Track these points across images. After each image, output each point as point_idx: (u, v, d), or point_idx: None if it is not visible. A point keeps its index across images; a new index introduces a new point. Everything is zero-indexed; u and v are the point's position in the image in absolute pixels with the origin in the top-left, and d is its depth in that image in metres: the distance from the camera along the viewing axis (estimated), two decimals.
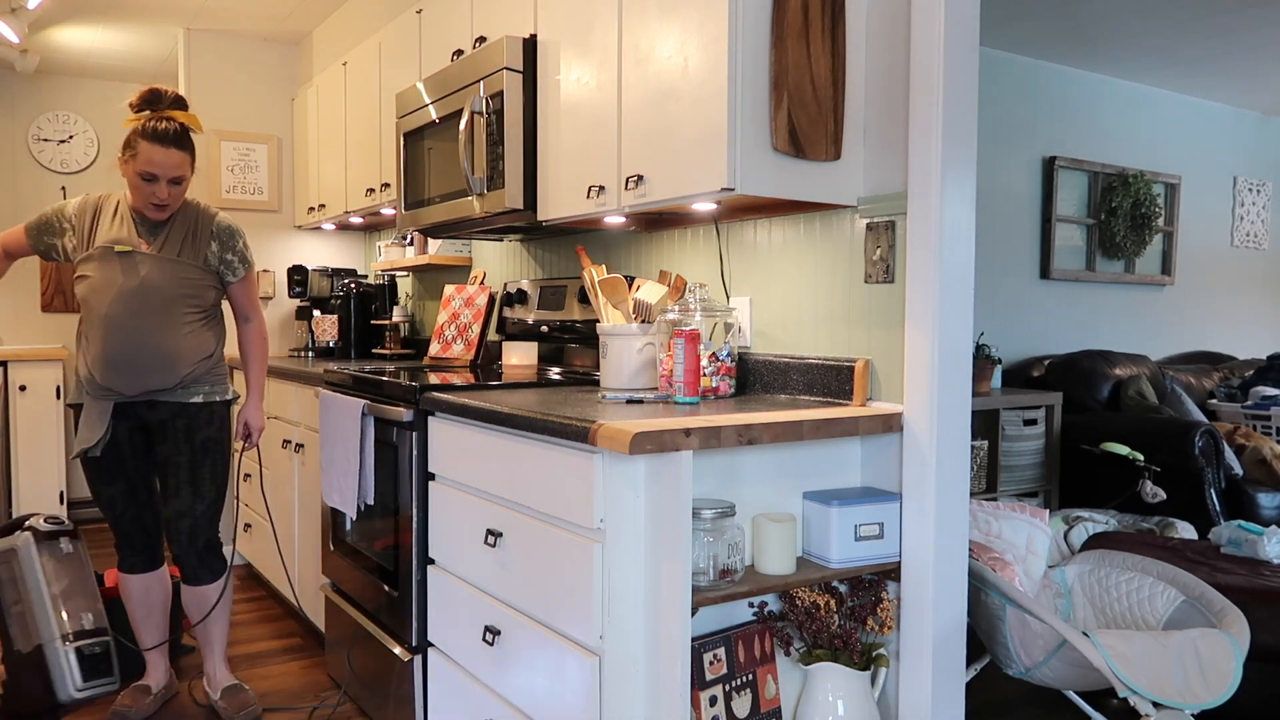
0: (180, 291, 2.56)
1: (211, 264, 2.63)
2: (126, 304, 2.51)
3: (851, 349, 2.10)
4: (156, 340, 2.54)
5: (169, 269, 2.55)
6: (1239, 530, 2.86)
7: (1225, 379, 5.13)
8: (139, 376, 2.54)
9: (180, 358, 2.57)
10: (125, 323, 2.51)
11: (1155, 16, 4.18)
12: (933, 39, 1.88)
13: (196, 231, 2.61)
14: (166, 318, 2.55)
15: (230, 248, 2.66)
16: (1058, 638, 2.03)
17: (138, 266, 2.53)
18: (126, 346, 2.51)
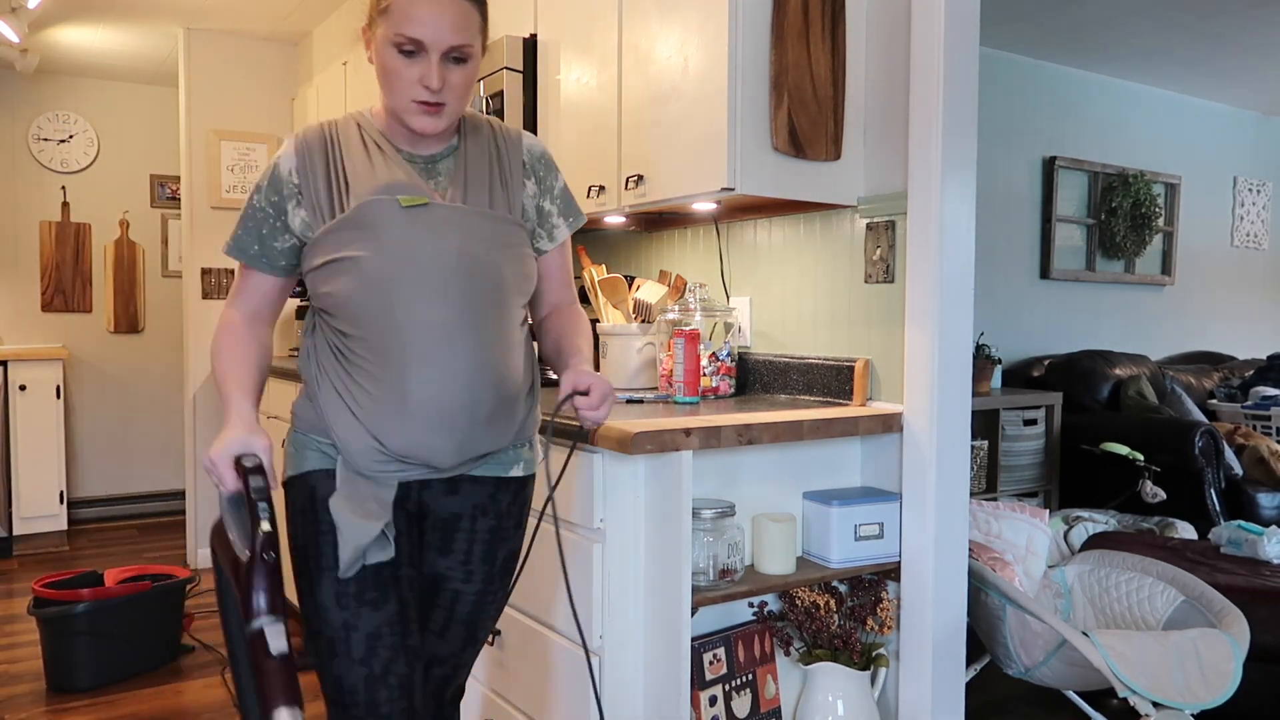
0: (513, 271, 1.46)
1: (529, 217, 1.53)
2: (447, 300, 1.39)
3: (851, 349, 2.10)
4: (502, 364, 1.45)
5: (488, 231, 1.44)
6: (1239, 530, 2.86)
7: (1225, 379, 5.13)
8: (474, 433, 1.43)
9: (521, 393, 1.51)
10: (454, 335, 1.39)
11: (1155, 16, 4.18)
12: (933, 39, 1.88)
13: (501, 162, 1.50)
14: (504, 322, 1.46)
15: (552, 187, 1.57)
16: (1058, 637, 2.03)
17: (443, 230, 1.40)
18: (461, 380, 1.40)
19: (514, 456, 1.54)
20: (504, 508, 1.54)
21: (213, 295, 4.43)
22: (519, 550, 1.60)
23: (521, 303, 1.50)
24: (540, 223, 1.56)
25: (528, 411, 1.54)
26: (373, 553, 1.42)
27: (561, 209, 1.58)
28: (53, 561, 4.53)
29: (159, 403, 5.52)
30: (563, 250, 1.63)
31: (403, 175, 1.43)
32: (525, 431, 1.54)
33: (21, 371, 4.64)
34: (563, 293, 1.64)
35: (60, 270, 5.25)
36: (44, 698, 2.94)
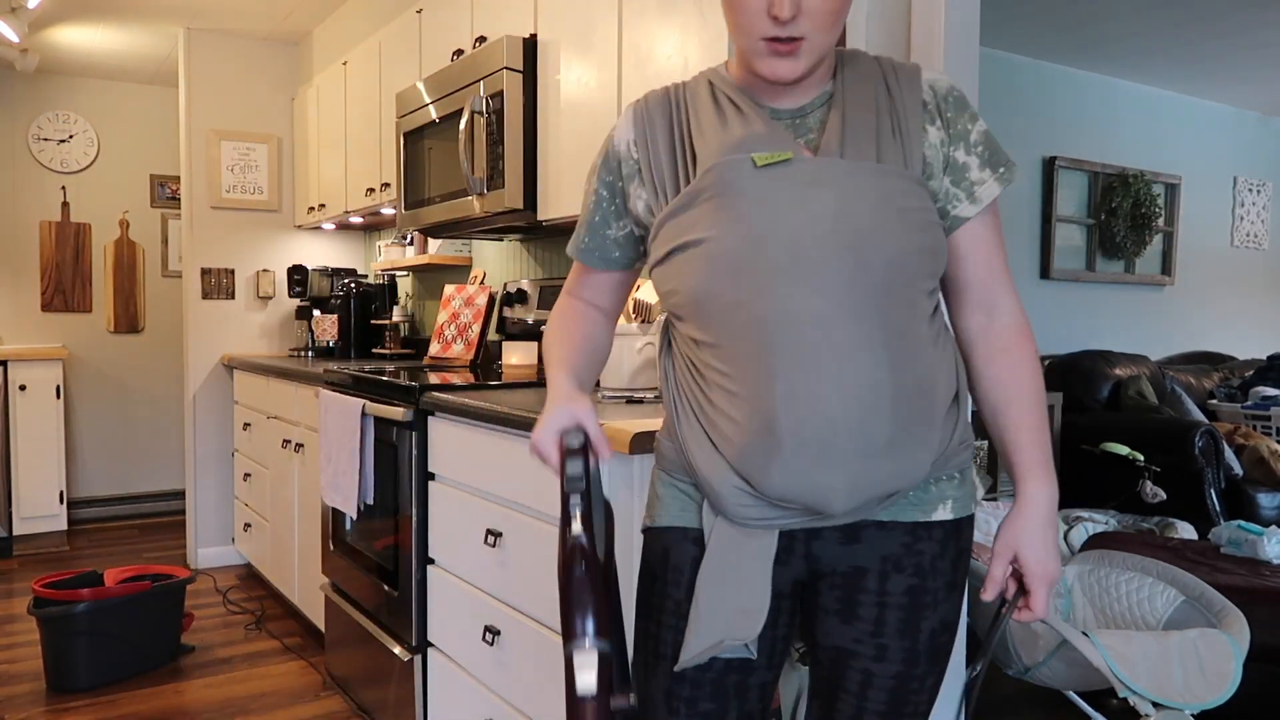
0: (914, 244, 1.08)
1: (932, 173, 1.14)
2: (823, 284, 1.04)
3: None
4: (904, 370, 1.08)
5: (877, 191, 1.07)
6: (1239, 530, 2.86)
7: (1225, 379, 5.13)
8: (870, 467, 1.07)
9: (939, 409, 1.12)
10: (834, 333, 1.04)
11: (1155, 17, 4.18)
12: (932, 39, 1.88)
13: (894, 104, 1.14)
14: (905, 314, 1.09)
15: (966, 131, 1.16)
16: (1058, 638, 2.03)
17: (814, 192, 1.06)
18: (847, 393, 1.04)
19: (937, 494, 1.15)
20: (927, 563, 1.14)
21: (212, 295, 4.43)
22: (953, 621, 1.17)
23: (929, 287, 1.11)
24: (955, 179, 1.14)
25: (952, 431, 1.14)
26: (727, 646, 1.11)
27: (984, 158, 1.15)
28: (53, 561, 4.54)
29: (159, 402, 5.52)
30: (991, 220, 1.17)
31: (762, 128, 1.11)
32: (951, 459, 1.15)
33: (21, 371, 4.64)
34: (994, 287, 1.17)
35: (60, 270, 5.25)
36: (44, 697, 2.94)
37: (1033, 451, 1.14)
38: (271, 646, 3.38)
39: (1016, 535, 1.14)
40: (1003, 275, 1.18)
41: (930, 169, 1.12)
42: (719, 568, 1.11)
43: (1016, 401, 1.15)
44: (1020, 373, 1.16)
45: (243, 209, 4.49)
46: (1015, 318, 1.18)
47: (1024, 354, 1.17)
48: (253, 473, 3.99)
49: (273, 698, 2.93)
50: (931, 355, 1.11)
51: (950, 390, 1.13)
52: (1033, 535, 1.13)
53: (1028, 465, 1.14)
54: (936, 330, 1.13)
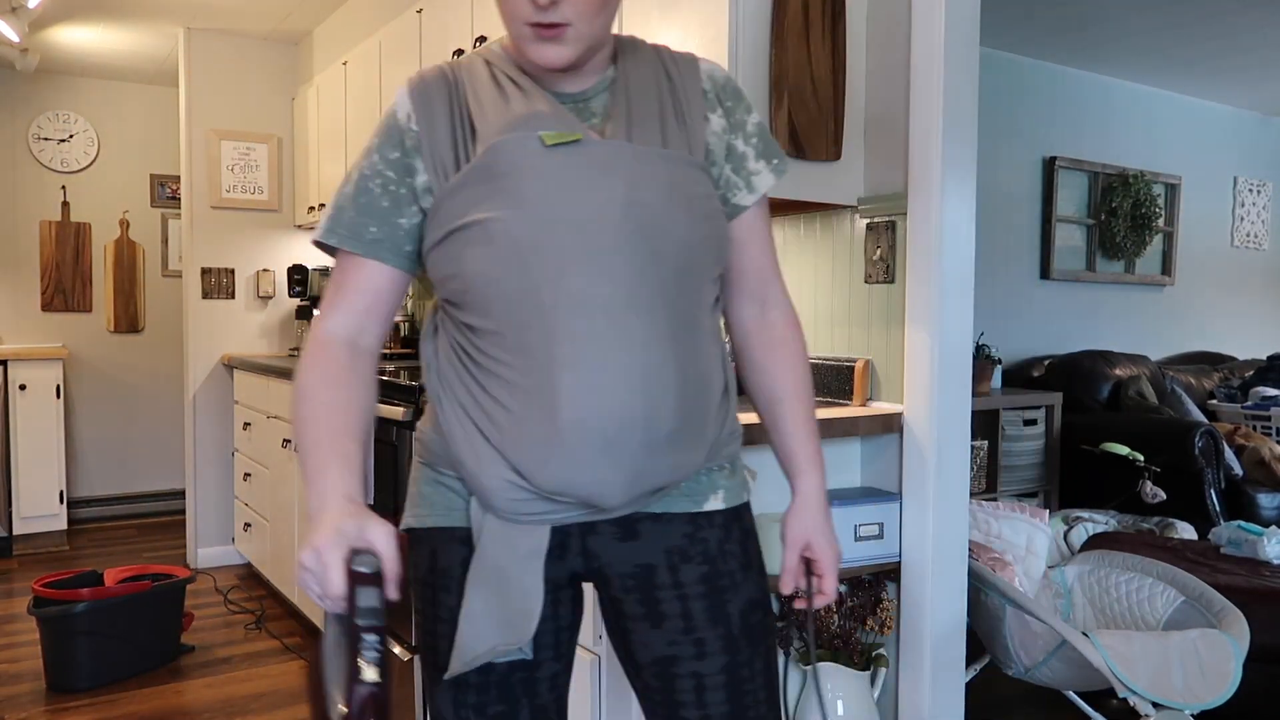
0: (701, 232, 1.06)
1: (715, 161, 1.13)
2: (612, 271, 1.01)
3: (851, 349, 2.10)
4: (690, 361, 1.06)
5: (664, 177, 1.04)
6: (1239, 531, 2.86)
7: (1225, 379, 5.13)
8: (652, 460, 1.04)
9: (713, 400, 1.11)
10: (622, 321, 1.01)
11: (1156, 17, 4.18)
12: (933, 39, 1.88)
13: (675, 90, 1.11)
14: (691, 303, 1.07)
15: (744, 121, 1.16)
16: (1058, 638, 2.03)
17: (604, 175, 1.02)
18: (633, 384, 1.01)
19: (709, 484, 1.12)
20: (714, 549, 1.10)
21: (212, 295, 4.43)
22: (761, 600, 1.13)
23: (714, 275, 1.09)
24: (735, 168, 1.14)
25: (723, 422, 1.12)
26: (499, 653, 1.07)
27: (759, 149, 1.15)
28: (52, 561, 4.53)
29: (159, 402, 5.52)
30: (764, 211, 1.18)
31: (546, 107, 1.05)
32: (721, 449, 1.12)
33: (21, 371, 4.64)
34: (768, 276, 1.18)
35: (60, 270, 5.25)
36: (44, 697, 2.94)
37: (809, 445, 1.20)
38: (271, 646, 3.38)
39: (807, 527, 1.19)
40: (775, 266, 1.21)
41: (713, 156, 1.12)
42: (489, 568, 1.05)
43: (792, 397, 1.19)
44: (795, 367, 1.19)
45: (243, 209, 4.49)
46: (786, 310, 1.21)
47: (797, 348, 1.20)
48: (253, 472, 3.99)
49: (273, 697, 2.93)
50: (712, 347, 1.10)
51: (723, 381, 1.13)
52: (821, 524, 1.19)
53: (806, 459, 1.20)
54: (717, 322, 1.14)
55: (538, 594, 1.06)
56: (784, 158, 1.19)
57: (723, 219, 1.10)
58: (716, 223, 1.08)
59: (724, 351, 1.15)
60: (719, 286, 1.13)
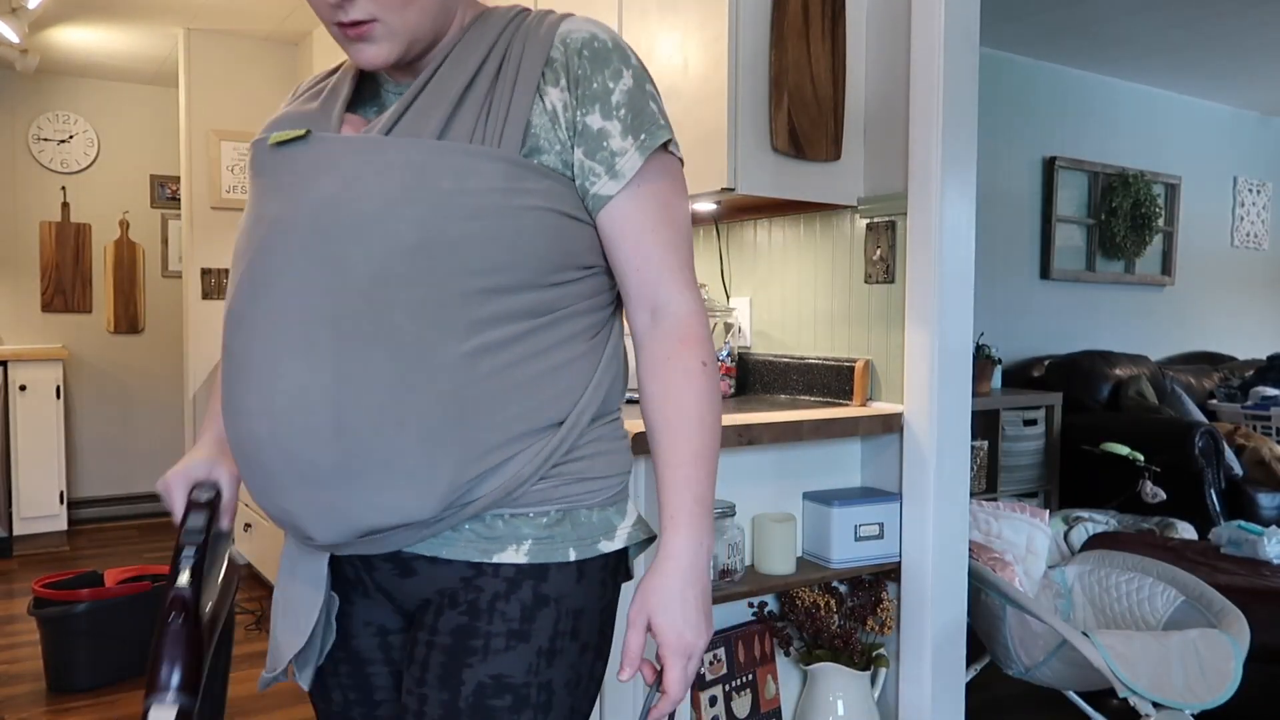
0: (446, 233, 0.88)
1: (538, 146, 0.94)
2: (283, 281, 0.90)
3: (851, 349, 2.10)
4: (379, 385, 0.87)
5: (410, 170, 0.89)
6: (1239, 530, 2.86)
7: (1225, 379, 5.13)
8: (329, 491, 0.90)
9: (444, 433, 0.89)
10: (285, 337, 0.89)
11: (1156, 17, 4.18)
12: (932, 39, 1.88)
13: (504, 63, 0.96)
14: (411, 316, 0.88)
15: (602, 92, 0.95)
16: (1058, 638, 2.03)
17: (312, 174, 0.92)
18: (284, 404, 0.89)
19: (507, 532, 0.93)
20: (484, 602, 0.92)
21: (213, 295, 4.43)
22: (518, 684, 0.92)
23: (483, 285, 0.89)
24: (589, 150, 0.94)
25: (529, 464, 0.92)
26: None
27: (627, 123, 0.94)
28: (53, 562, 4.53)
29: (159, 403, 5.52)
30: (648, 198, 0.96)
31: (311, 104, 1.00)
32: (526, 495, 0.93)
33: (21, 372, 4.64)
34: (652, 278, 0.97)
35: (60, 270, 5.25)
36: (44, 698, 2.94)
37: (678, 493, 0.94)
38: None
39: (649, 601, 0.93)
40: (667, 266, 0.97)
41: (539, 140, 0.92)
42: (281, 586, 1.03)
43: (667, 428, 0.95)
44: (676, 391, 0.95)
45: (243, 209, 4.48)
46: (680, 320, 0.97)
47: (685, 366, 0.95)
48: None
49: (273, 698, 2.93)
50: (479, 369, 0.89)
51: (535, 415, 0.92)
52: (666, 597, 0.92)
53: (671, 510, 0.94)
54: (507, 339, 0.90)
55: (309, 620, 0.97)
56: (658, 129, 0.96)
57: (515, 216, 0.90)
58: (489, 220, 0.89)
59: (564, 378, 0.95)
60: (519, 310, 0.91)
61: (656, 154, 0.97)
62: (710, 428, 0.96)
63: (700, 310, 0.98)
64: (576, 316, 0.97)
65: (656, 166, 0.97)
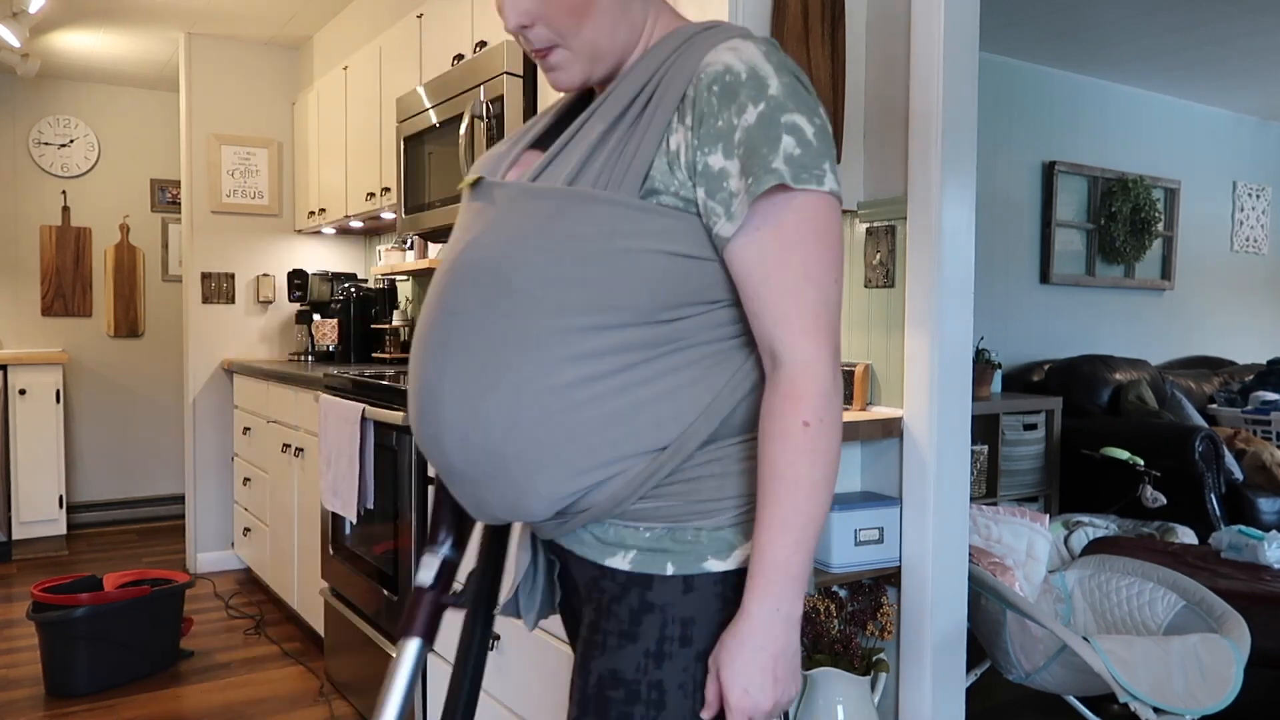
0: (554, 275, 0.97)
1: (656, 187, 0.96)
2: (430, 310, 1.06)
3: (851, 353, 2.10)
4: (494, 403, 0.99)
5: (535, 214, 0.99)
6: (1239, 535, 2.86)
7: (1225, 384, 5.13)
8: (465, 487, 1.06)
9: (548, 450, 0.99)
10: (426, 355, 1.05)
11: (1155, 22, 4.19)
12: (932, 43, 1.89)
13: (650, 101, 0.98)
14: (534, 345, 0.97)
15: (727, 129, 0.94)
16: (1058, 643, 2.02)
17: (472, 220, 1.07)
18: (425, 410, 1.05)
19: (615, 539, 1.01)
20: (606, 602, 1.02)
21: (213, 299, 4.43)
22: (629, 679, 0.99)
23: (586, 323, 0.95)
24: (710, 190, 0.94)
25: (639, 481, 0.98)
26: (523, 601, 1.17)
27: (744, 164, 0.93)
28: (52, 566, 4.53)
29: (159, 407, 5.52)
30: (769, 241, 0.94)
31: (505, 146, 1.11)
32: (634, 509, 1.00)
33: (21, 376, 4.64)
34: (770, 327, 0.96)
35: (60, 274, 5.25)
36: (42, 702, 2.94)
37: (760, 556, 0.95)
38: (271, 651, 3.38)
39: (719, 651, 0.97)
40: (783, 312, 0.94)
41: (654, 181, 0.95)
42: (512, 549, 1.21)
43: (761, 487, 0.95)
44: (771, 448, 0.94)
45: (243, 213, 4.49)
46: (790, 370, 0.95)
47: (783, 425, 0.94)
48: (252, 477, 3.99)
49: (272, 703, 2.93)
50: (576, 397, 0.95)
51: (635, 440, 0.97)
52: (734, 654, 0.95)
53: (751, 572, 0.96)
54: (609, 370, 0.96)
55: (511, 584, 1.17)
56: (766, 173, 0.91)
57: (626, 258, 0.94)
58: (596, 264, 0.94)
59: (633, 406, 0.97)
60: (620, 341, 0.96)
61: (780, 193, 0.93)
62: (804, 491, 0.94)
63: (819, 363, 0.94)
64: (694, 347, 0.99)
65: (781, 206, 0.93)
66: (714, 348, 0.99)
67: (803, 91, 0.96)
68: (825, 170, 0.94)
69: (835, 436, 0.95)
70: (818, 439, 0.93)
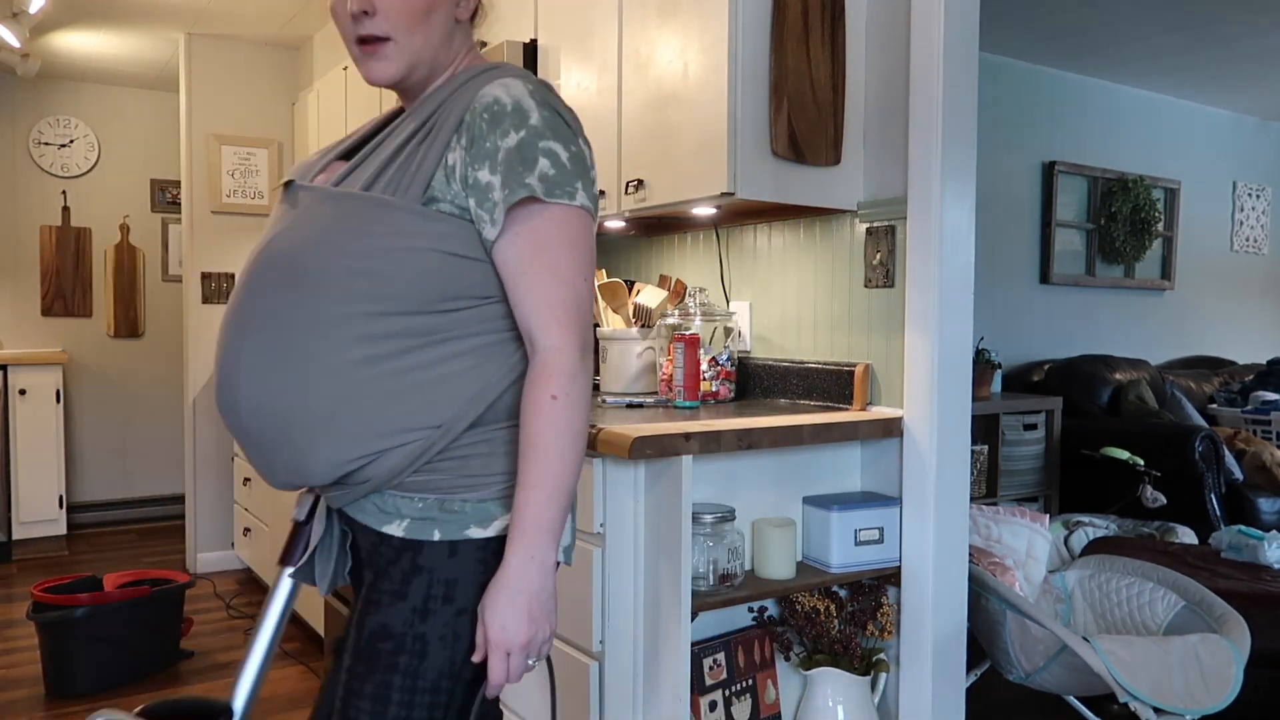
0: (341, 268, 1.09)
1: (435, 195, 1.11)
2: (235, 295, 1.17)
3: (851, 353, 2.10)
4: (279, 378, 1.12)
5: (325, 216, 1.12)
6: (1239, 535, 2.86)
7: (1225, 384, 5.13)
8: (256, 451, 1.19)
9: (331, 419, 1.11)
10: (229, 335, 1.17)
11: (1155, 22, 4.19)
12: (932, 43, 1.89)
13: (439, 118, 1.13)
14: (323, 330, 1.10)
15: (492, 150, 1.09)
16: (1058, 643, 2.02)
17: (277, 220, 1.19)
18: (224, 384, 1.19)
19: (391, 508, 1.13)
20: (382, 565, 1.15)
21: (213, 300, 4.43)
22: (398, 632, 1.11)
23: (369, 310, 1.08)
24: (479, 201, 1.09)
25: (416, 454, 1.11)
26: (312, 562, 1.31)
27: (504, 178, 1.08)
28: (52, 566, 4.53)
29: (159, 407, 5.52)
30: (524, 244, 1.09)
31: (316, 157, 1.25)
32: (412, 479, 1.12)
33: (21, 376, 4.64)
34: (529, 318, 1.10)
35: (60, 274, 5.25)
36: (42, 703, 2.94)
37: (517, 512, 1.09)
38: None
39: (484, 597, 1.10)
40: (537, 305, 1.10)
41: (437, 192, 1.10)
42: None
43: (520, 453, 1.10)
44: (527, 420, 1.09)
45: (243, 213, 4.49)
46: (544, 355, 1.09)
47: (536, 399, 1.08)
48: (253, 477, 3.99)
49: (272, 703, 2.92)
50: (359, 375, 1.09)
51: (412, 417, 1.10)
52: (494, 597, 1.08)
53: (511, 526, 1.10)
54: (390, 352, 1.09)
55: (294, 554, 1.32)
56: (520, 185, 1.07)
57: (408, 255, 1.09)
58: (379, 260, 1.08)
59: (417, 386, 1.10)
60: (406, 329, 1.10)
61: (536, 205, 1.09)
62: (553, 455, 1.08)
63: (566, 347, 1.09)
64: (468, 338, 1.13)
65: (536, 215, 1.09)
66: (486, 339, 1.14)
67: (561, 124, 1.12)
68: (578, 188, 1.11)
69: (578, 410, 1.09)
70: (562, 411, 1.08)
